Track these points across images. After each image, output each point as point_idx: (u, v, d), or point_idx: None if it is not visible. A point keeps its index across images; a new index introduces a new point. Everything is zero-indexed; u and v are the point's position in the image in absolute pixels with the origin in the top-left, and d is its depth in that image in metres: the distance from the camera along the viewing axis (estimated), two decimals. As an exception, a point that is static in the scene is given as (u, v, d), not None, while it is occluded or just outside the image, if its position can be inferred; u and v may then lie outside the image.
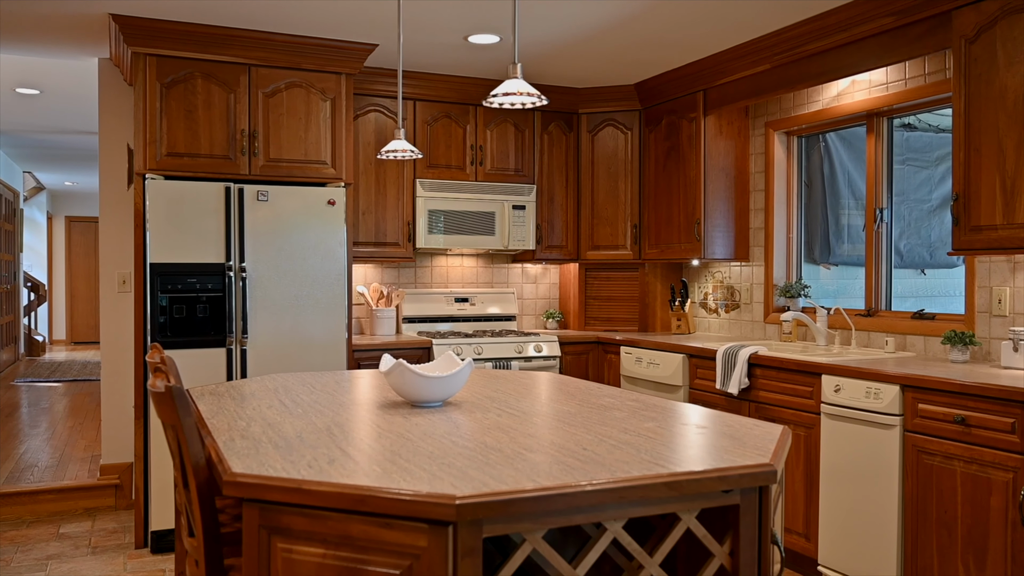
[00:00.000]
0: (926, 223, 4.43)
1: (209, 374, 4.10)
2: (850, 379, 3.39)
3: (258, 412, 2.33)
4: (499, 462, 1.70)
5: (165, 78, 4.09)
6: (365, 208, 4.92)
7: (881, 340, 4.10)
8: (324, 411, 2.35)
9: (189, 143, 4.14)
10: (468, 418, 2.24)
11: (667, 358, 4.54)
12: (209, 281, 4.11)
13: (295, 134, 4.35)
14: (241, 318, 4.15)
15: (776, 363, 3.78)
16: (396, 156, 3.02)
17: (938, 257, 4.54)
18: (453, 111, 5.14)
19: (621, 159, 5.40)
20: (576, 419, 2.22)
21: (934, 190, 4.47)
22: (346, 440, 1.94)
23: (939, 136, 4.59)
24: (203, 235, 4.09)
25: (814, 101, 4.50)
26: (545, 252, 5.43)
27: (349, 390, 2.78)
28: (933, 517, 3.08)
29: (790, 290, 4.68)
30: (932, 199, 4.46)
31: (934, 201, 4.45)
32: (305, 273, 4.29)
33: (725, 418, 2.24)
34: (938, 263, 4.56)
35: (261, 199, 4.20)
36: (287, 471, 1.62)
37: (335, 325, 4.35)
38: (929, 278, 4.64)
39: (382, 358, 2.47)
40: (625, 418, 2.24)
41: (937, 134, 4.60)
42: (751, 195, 4.97)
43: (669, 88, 5.03)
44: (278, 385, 2.89)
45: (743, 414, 4.00)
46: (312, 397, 2.61)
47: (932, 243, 4.52)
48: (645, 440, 1.93)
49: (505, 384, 2.93)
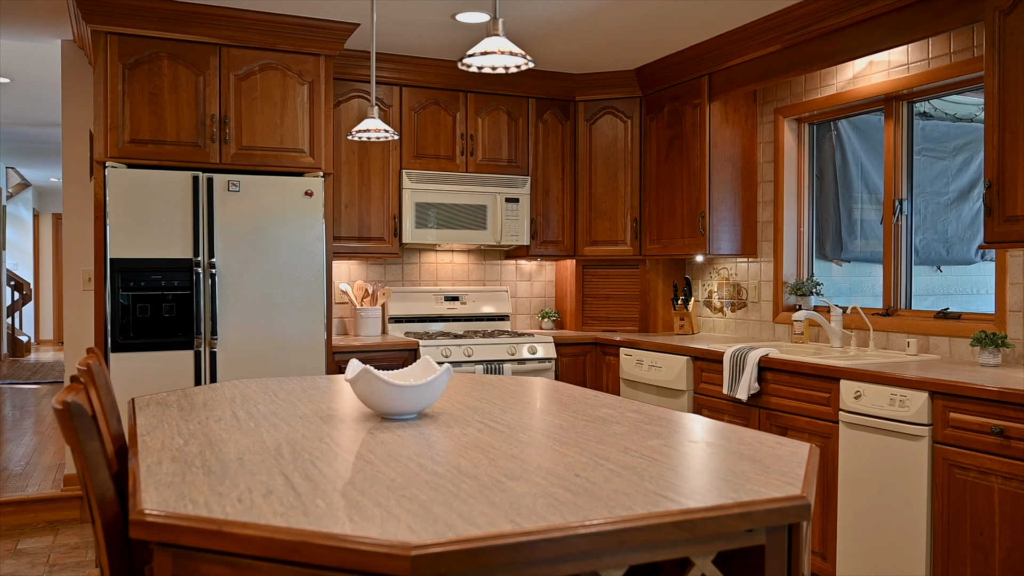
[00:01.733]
0: (943, 217, 4.17)
1: (176, 379, 3.80)
2: (872, 384, 3.09)
3: (203, 426, 2.02)
4: (473, 493, 1.40)
5: (128, 59, 3.79)
6: (348, 200, 4.61)
7: (901, 341, 3.80)
8: (279, 425, 2.04)
9: (154, 129, 3.83)
10: (444, 434, 1.93)
11: (670, 360, 4.24)
12: (175, 278, 3.80)
13: (270, 120, 4.04)
14: (210, 318, 3.84)
15: (789, 366, 3.48)
16: (370, 137, 2.71)
17: (956, 253, 4.29)
18: (442, 97, 4.84)
19: (621, 149, 5.10)
20: (569, 435, 1.92)
21: (951, 182, 4.21)
22: (294, 463, 1.63)
23: (956, 125, 4.32)
24: (169, 228, 3.79)
25: (828, 85, 4.19)
26: (540, 248, 5.12)
27: (316, 399, 2.47)
28: (967, 538, 2.78)
29: (801, 288, 4.38)
30: (949, 192, 4.19)
31: (951, 194, 4.19)
32: (280, 270, 3.99)
33: (741, 434, 1.94)
34: (955, 259, 4.30)
35: (232, 189, 3.89)
36: (210, 507, 1.31)
37: (313, 325, 4.04)
38: (946, 275, 4.38)
39: (349, 363, 2.17)
40: (625, 434, 1.93)
41: (954, 123, 4.34)
42: (759, 186, 4.67)
43: (672, 73, 4.72)
44: (237, 393, 2.59)
45: (753, 422, 3.69)
46: (271, 407, 2.31)
47: (949, 238, 4.26)
48: (649, 463, 1.63)
49: (491, 392, 2.62)
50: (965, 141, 4.21)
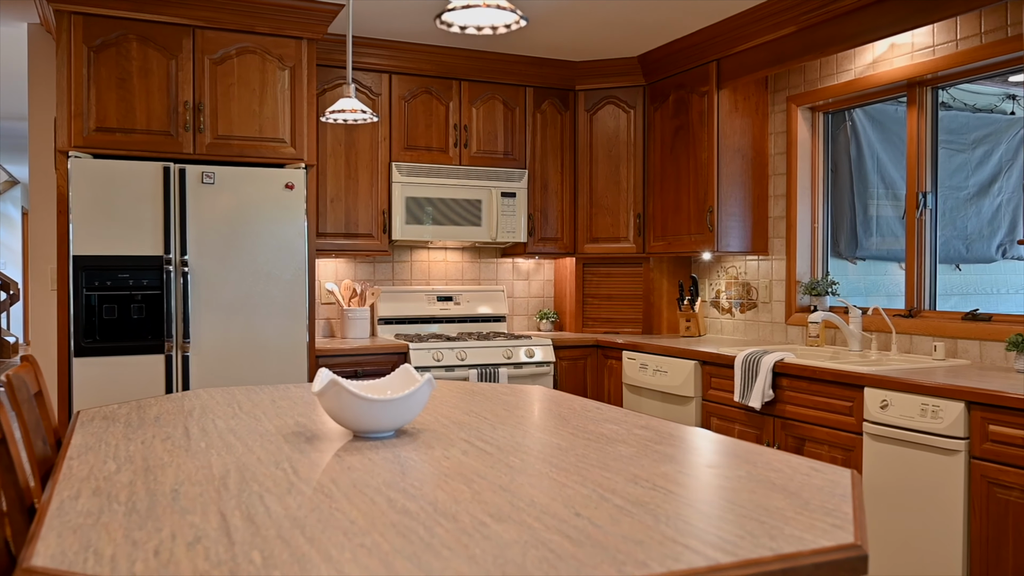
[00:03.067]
0: (962, 213, 3.92)
1: (145, 386, 3.52)
2: (901, 393, 2.82)
3: (146, 447, 1.75)
4: (449, 542, 1.13)
5: (93, 40, 3.51)
6: (334, 195, 4.34)
7: (926, 345, 3.53)
8: (234, 446, 1.77)
9: (122, 116, 3.56)
10: (423, 457, 1.66)
11: (676, 365, 3.97)
12: (145, 277, 3.53)
13: (248, 107, 3.77)
14: (182, 320, 3.57)
15: (808, 372, 3.20)
16: (346, 119, 2.44)
17: (975, 251, 4.05)
18: (434, 86, 4.57)
19: (623, 141, 4.82)
20: (568, 458, 1.65)
21: (971, 176, 3.96)
22: (239, 498, 1.36)
23: (976, 116, 4.07)
24: (138, 223, 3.52)
25: (845, 70, 3.92)
26: (538, 245, 4.85)
27: (285, 411, 2.20)
28: (1009, 564, 2.51)
29: (816, 287, 4.10)
30: (968, 186, 3.95)
31: (971, 188, 3.94)
32: (259, 268, 3.71)
33: (767, 457, 1.67)
34: (974, 257, 4.06)
35: (207, 181, 3.62)
36: (116, 563, 1.04)
37: (294, 328, 3.77)
38: (964, 274, 4.14)
39: (318, 372, 1.90)
40: (634, 457, 1.66)
41: (974, 113, 4.09)
42: (770, 180, 4.40)
43: (677, 59, 4.45)
44: (197, 404, 2.32)
45: (766, 431, 3.42)
46: (231, 423, 2.04)
47: (969, 235, 4.01)
48: (664, 497, 1.36)
49: (482, 403, 2.35)
50: (985, 133, 3.97)
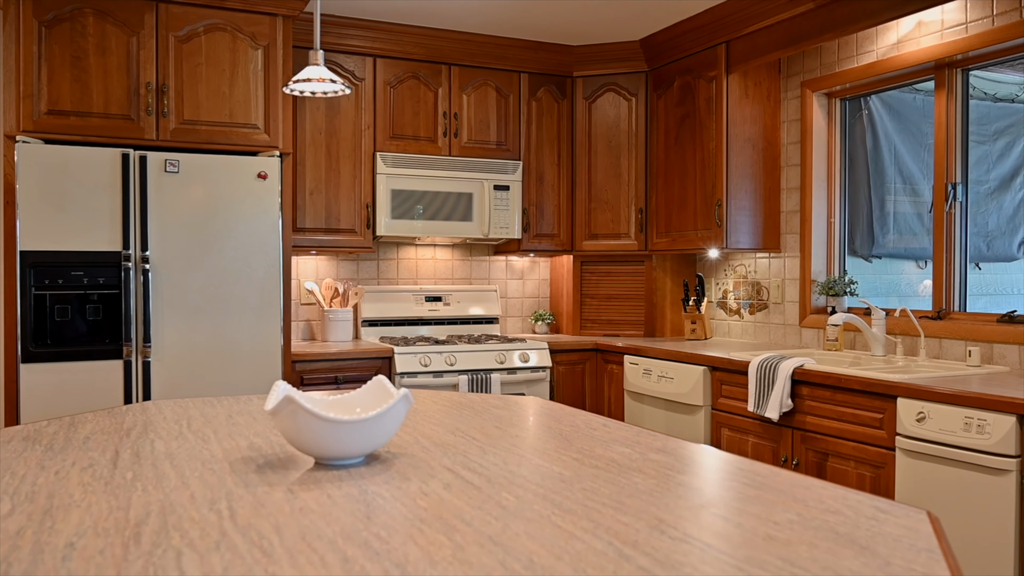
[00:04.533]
0: (983, 208, 3.68)
1: (101, 395, 3.20)
2: (940, 404, 2.52)
3: (58, 479, 1.43)
4: (418, 631, 0.82)
5: (45, 14, 3.19)
6: (313, 187, 4.02)
7: (957, 350, 3.23)
8: (167, 477, 1.46)
9: (77, 99, 3.24)
10: (395, 492, 1.35)
11: (683, 371, 3.66)
12: (101, 274, 3.21)
13: (217, 90, 3.45)
14: (143, 322, 3.25)
15: (832, 380, 2.90)
16: (312, 91, 2.12)
17: (996, 248, 3.79)
18: (422, 71, 4.25)
19: (624, 131, 4.52)
20: (575, 493, 1.34)
21: (991, 169, 3.70)
22: (148, 557, 1.05)
23: (997, 106, 3.81)
24: (93, 216, 3.19)
25: (866, 52, 3.62)
26: (533, 242, 4.54)
27: (241, 430, 1.89)
28: (1069, 601, 2.21)
29: (834, 287, 3.80)
30: (989, 180, 3.69)
31: (992, 182, 3.69)
32: (228, 265, 3.40)
33: (817, 492, 1.36)
34: (995, 255, 3.80)
35: (170, 170, 3.30)
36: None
37: (268, 330, 3.45)
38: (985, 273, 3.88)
39: (274, 386, 1.59)
40: (654, 492, 1.35)
41: (995, 103, 3.83)
42: (782, 171, 4.10)
43: (683, 42, 4.15)
44: (139, 421, 2.00)
45: (784, 444, 3.12)
46: (172, 445, 1.72)
47: (990, 231, 3.75)
48: (701, 553, 1.05)
49: (470, 419, 2.04)
50: (1007, 124, 3.71)
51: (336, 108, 4.07)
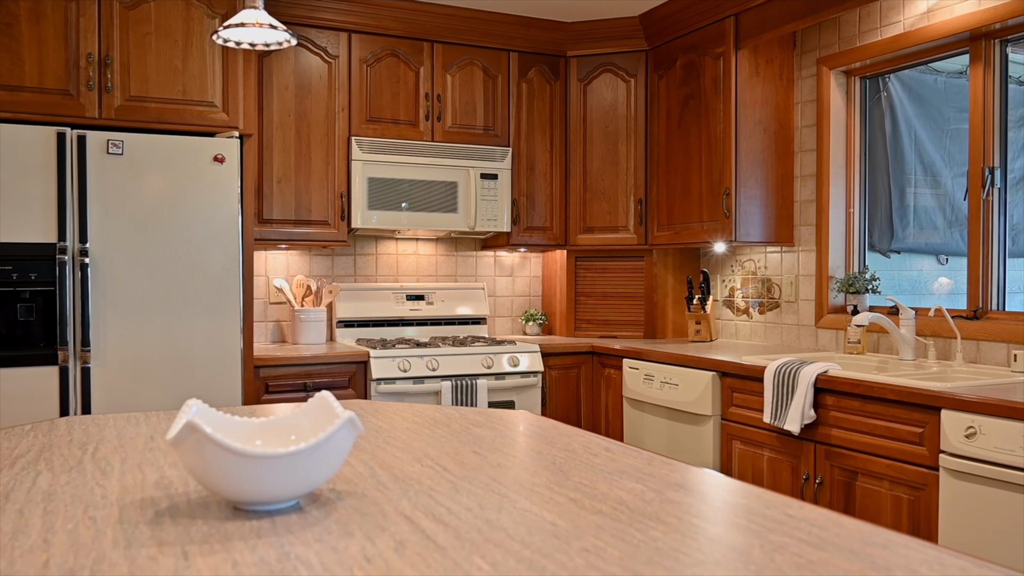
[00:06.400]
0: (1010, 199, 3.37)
1: (34, 407, 2.83)
2: (994, 418, 2.17)
3: None
4: None
5: (-31, -25, 2.82)
6: (281, 174, 3.65)
7: (996, 353, 2.89)
8: (27, 532, 1.09)
9: (7, 71, 2.87)
10: (327, 558, 0.99)
11: (689, 376, 3.31)
12: (33, 269, 2.83)
13: (168, 63, 3.08)
14: (81, 323, 2.87)
15: (863, 389, 2.55)
16: (252, 43, 1.75)
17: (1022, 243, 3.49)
18: (402, 48, 3.89)
19: (622, 115, 4.16)
20: (574, 559, 0.98)
21: (1016, 158, 3.41)
22: None
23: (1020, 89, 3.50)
24: (24, 203, 2.82)
25: (891, 23, 3.28)
26: (523, 236, 4.19)
27: (155, 457, 1.52)
28: None
29: (854, 283, 3.46)
30: (1015, 170, 3.39)
31: (1016, 172, 3.39)
32: (179, 258, 3.03)
33: (895, 548, 1.00)
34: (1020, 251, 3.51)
35: (113, 151, 2.93)
36: None
37: (225, 332, 3.08)
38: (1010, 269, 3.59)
39: (184, 406, 1.23)
40: (680, 550, 0.99)
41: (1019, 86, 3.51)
42: (796, 157, 3.75)
43: (687, 16, 3.79)
44: (38, 444, 1.63)
45: (806, 460, 2.77)
46: (58, 480, 1.35)
47: (1014, 225, 3.45)
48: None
49: (445, 441, 1.68)
50: (1032, 108, 3.40)
51: (307, 88, 3.70)
